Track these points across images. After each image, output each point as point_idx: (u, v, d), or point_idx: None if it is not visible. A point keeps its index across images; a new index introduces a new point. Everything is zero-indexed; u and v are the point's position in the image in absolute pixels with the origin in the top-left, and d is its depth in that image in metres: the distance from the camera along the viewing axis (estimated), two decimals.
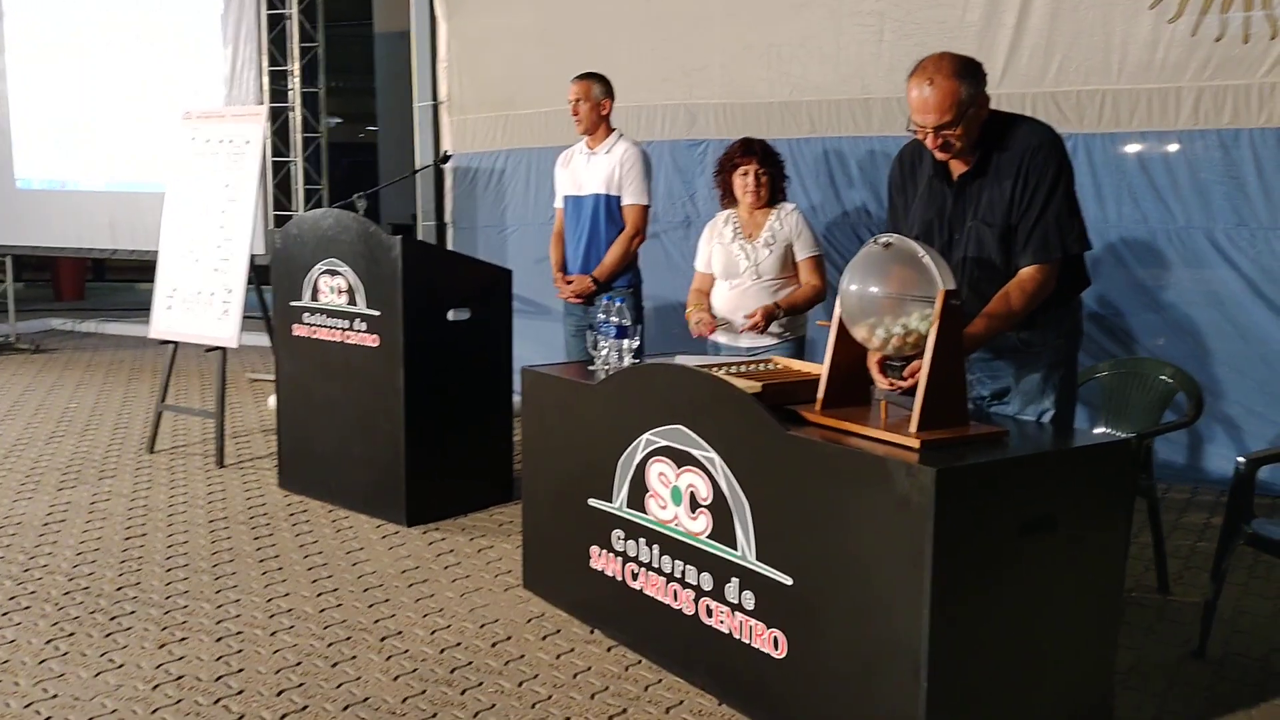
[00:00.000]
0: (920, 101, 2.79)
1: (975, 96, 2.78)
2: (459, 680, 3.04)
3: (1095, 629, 2.61)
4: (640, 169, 4.64)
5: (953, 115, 2.76)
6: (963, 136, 2.81)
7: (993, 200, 2.86)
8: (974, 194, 2.90)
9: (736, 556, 2.75)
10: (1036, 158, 2.81)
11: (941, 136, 2.80)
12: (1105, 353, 4.70)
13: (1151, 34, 4.57)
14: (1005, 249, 2.87)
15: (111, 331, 10.46)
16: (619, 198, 4.66)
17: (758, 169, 4.05)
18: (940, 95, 2.75)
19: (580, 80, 4.69)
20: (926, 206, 3.00)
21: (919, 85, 2.79)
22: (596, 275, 4.64)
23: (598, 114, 4.68)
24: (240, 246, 5.56)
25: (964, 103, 2.76)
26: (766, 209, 4.11)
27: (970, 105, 2.77)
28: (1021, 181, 2.81)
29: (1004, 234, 2.86)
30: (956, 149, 2.84)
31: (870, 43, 5.23)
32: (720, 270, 4.13)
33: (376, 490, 4.48)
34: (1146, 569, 3.82)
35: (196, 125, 5.93)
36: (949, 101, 2.75)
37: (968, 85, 2.77)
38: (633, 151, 4.65)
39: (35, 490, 4.90)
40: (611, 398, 3.22)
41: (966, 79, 2.77)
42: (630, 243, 4.66)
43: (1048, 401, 2.98)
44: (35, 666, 3.10)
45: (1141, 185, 4.69)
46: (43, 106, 8.72)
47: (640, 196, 4.66)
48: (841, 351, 2.74)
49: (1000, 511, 2.38)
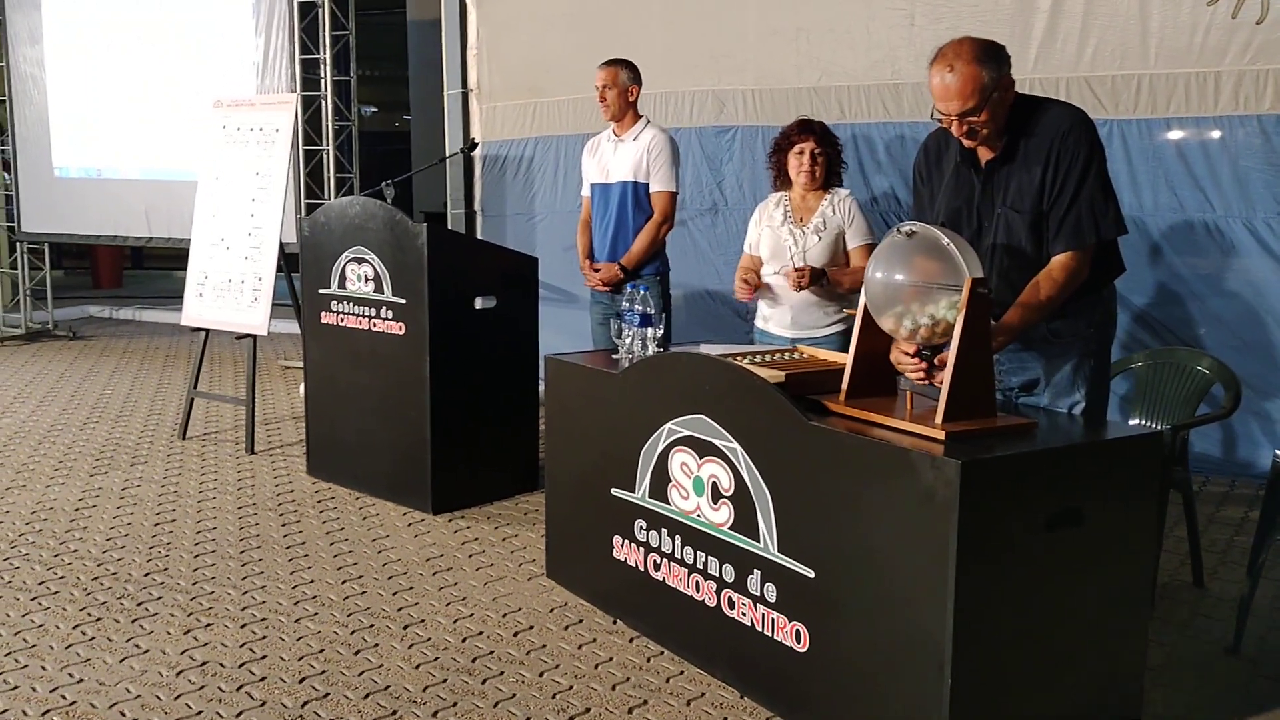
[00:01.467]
0: (943, 89, 2.71)
1: (999, 81, 2.70)
2: (480, 669, 3.04)
3: (1125, 625, 2.56)
4: (668, 155, 4.60)
5: (976, 101, 2.69)
6: (989, 122, 2.74)
7: (1022, 186, 2.79)
8: (1002, 180, 2.83)
9: (758, 548, 2.73)
10: (1067, 141, 2.73)
11: (966, 124, 2.73)
12: (1138, 343, 4.62)
13: (1190, 17, 4.47)
14: (1036, 236, 2.81)
15: (148, 319, 10.59)
16: (647, 185, 4.62)
17: (814, 148, 3.93)
18: (962, 82, 2.68)
19: (607, 66, 4.65)
20: (954, 194, 2.93)
21: (940, 72, 2.71)
22: (624, 263, 4.61)
23: (625, 100, 4.65)
24: (270, 234, 5.59)
25: (987, 88, 2.68)
26: (820, 192, 3.99)
27: (994, 90, 2.69)
28: (1052, 167, 2.74)
29: (1034, 221, 2.79)
30: (983, 136, 2.77)
31: (901, 27, 5.15)
32: (767, 254, 4.02)
33: (402, 478, 4.49)
34: (1181, 563, 3.76)
35: (227, 113, 5.96)
36: (971, 88, 2.68)
37: (990, 70, 2.69)
38: (661, 138, 4.62)
39: (68, 476, 4.96)
40: (634, 387, 3.19)
41: (989, 64, 2.69)
42: (658, 230, 4.62)
43: (1078, 394, 2.92)
44: (62, 651, 3.13)
45: (1178, 172, 4.59)
46: (79, 96, 8.80)
47: (668, 183, 4.62)
48: (866, 341, 2.70)
49: (1027, 505, 2.33)
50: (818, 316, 3.93)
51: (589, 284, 4.77)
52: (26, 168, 9.12)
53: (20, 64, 8.98)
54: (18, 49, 8.97)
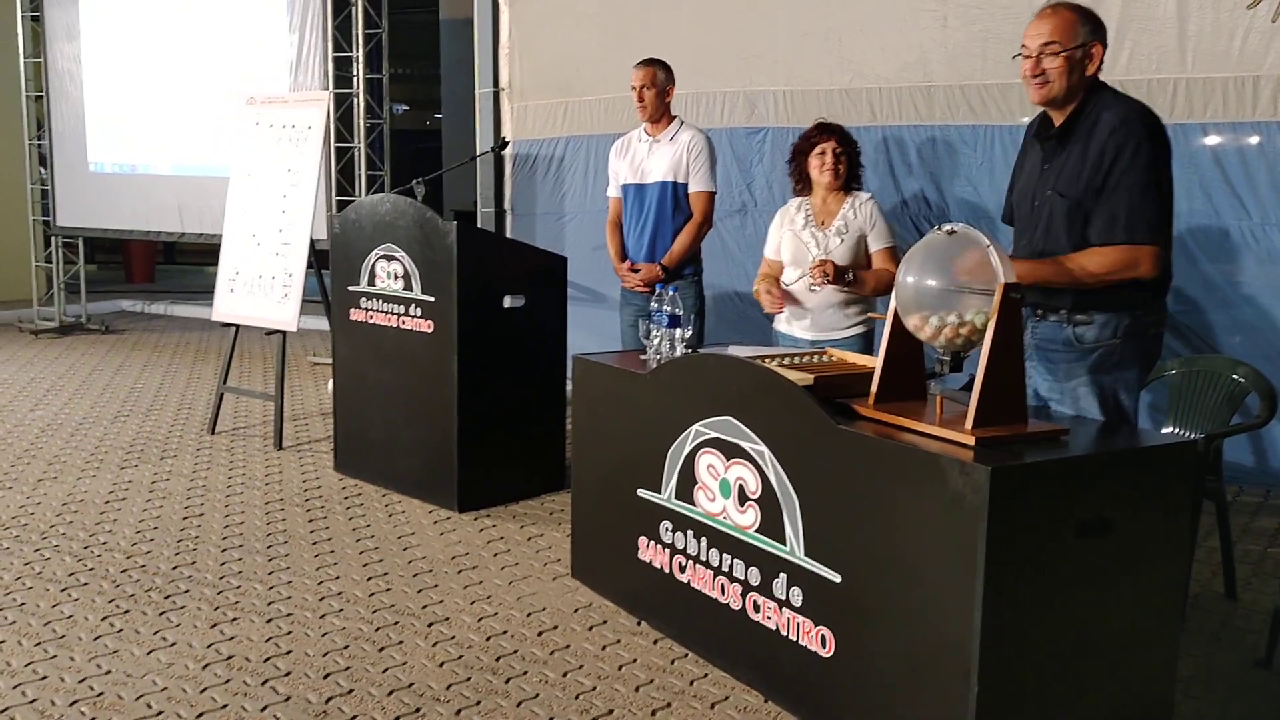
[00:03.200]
0: (1038, 20, 2.84)
1: (1089, 42, 2.80)
2: (504, 669, 3.04)
3: (1155, 635, 2.52)
4: (707, 156, 4.61)
5: (1061, 38, 2.78)
6: (1060, 75, 2.80)
7: (1070, 172, 2.82)
8: (1059, 164, 2.88)
9: (785, 552, 2.71)
10: (1118, 134, 2.75)
11: (1042, 59, 2.80)
12: (1171, 350, 4.55)
13: (1229, 21, 4.41)
14: (1071, 224, 2.82)
15: (180, 313, 10.68)
16: (685, 185, 4.61)
17: (835, 147, 3.91)
18: (1058, 19, 2.81)
19: (644, 66, 4.63)
20: (1026, 174, 3.03)
21: (1043, 10, 2.85)
22: (665, 263, 4.60)
23: (662, 101, 4.64)
24: (301, 231, 5.62)
25: (1075, 34, 2.78)
26: (841, 194, 3.96)
27: (1082, 42, 2.79)
28: (1099, 157, 2.76)
29: (1071, 208, 2.81)
30: (1050, 82, 2.81)
31: (933, 29, 5.12)
32: (789, 258, 3.99)
33: (429, 476, 4.50)
34: (1214, 574, 3.71)
35: (260, 110, 6.00)
36: (1063, 25, 2.79)
37: (1085, 25, 2.80)
38: (699, 138, 4.61)
39: (99, 469, 5.01)
40: (662, 388, 3.19)
41: (1087, 22, 2.81)
42: (699, 230, 4.62)
43: (1092, 407, 2.85)
44: (91, 643, 3.16)
45: (1214, 178, 4.53)
46: (115, 92, 8.89)
47: (708, 183, 4.62)
48: (896, 344, 2.67)
49: (1056, 512, 2.30)
50: (838, 318, 3.91)
51: (628, 285, 4.74)
52: (62, 163, 9.22)
53: (58, 60, 9.08)
54: (55, 45, 9.07)
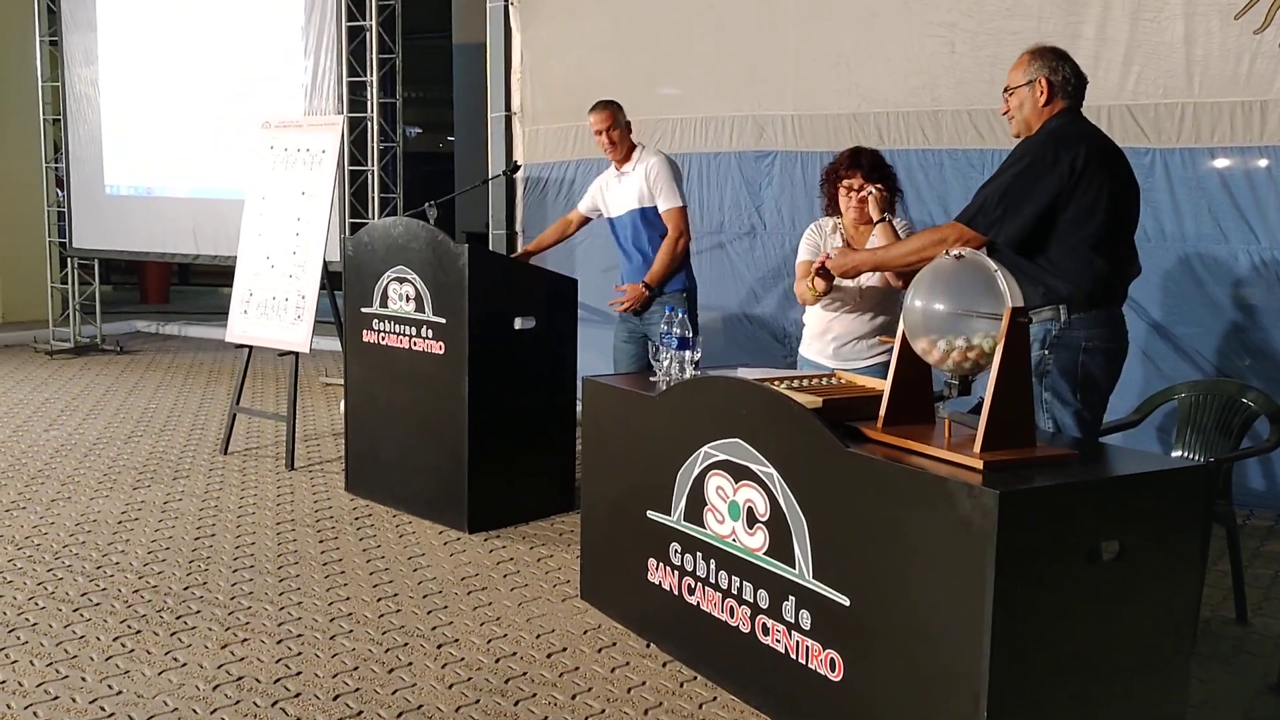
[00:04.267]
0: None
1: (1037, 75, 3.09)
2: (513, 691, 3.05)
3: (1165, 660, 2.52)
4: (668, 174, 4.71)
5: (1011, 80, 3.14)
6: (1018, 108, 3.13)
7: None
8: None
9: (794, 574, 2.72)
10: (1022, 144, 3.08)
11: (1008, 100, 3.16)
12: (1180, 374, 4.55)
13: (1236, 45, 4.42)
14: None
15: (194, 334, 10.74)
16: (654, 208, 4.73)
17: (863, 184, 3.77)
18: (1017, 63, 3.15)
19: (601, 110, 4.76)
20: None
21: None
22: (648, 280, 4.69)
23: (626, 137, 4.78)
24: (315, 253, 5.66)
25: (1025, 73, 3.11)
26: (872, 225, 3.79)
27: (1029, 79, 3.09)
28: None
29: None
30: (1013, 119, 3.15)
31: (942, 54, 5.15)
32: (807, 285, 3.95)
33: (439, 496, 4.52)
34: (1225, 598, 3.70)
35: (275, 134, 6.06)
36: (1017, 69, 3.14)
37: (1037, 64, 3.10)
38: (656, 160, 4.73)
39: (112, 489, 5.03)
40: (671, 409, 3.20)
41: (1037, 59, 3.11)
42: (675, 245, 4.71)
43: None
44: (102, 663, 3.17)
45: (1222, 203, 4.53)
46: (131, 116, 8.98)
47: (674, 199, 4.72)
48: (905, 368, 2.68)
49: (1066, 537, 2.31)
50: (859, 348, 3.88)
51: (620, 310, 4.83)
52: (79, 185, 9.31)
53: (76, 84, 9.18)
54: (74, 69, 9.17)
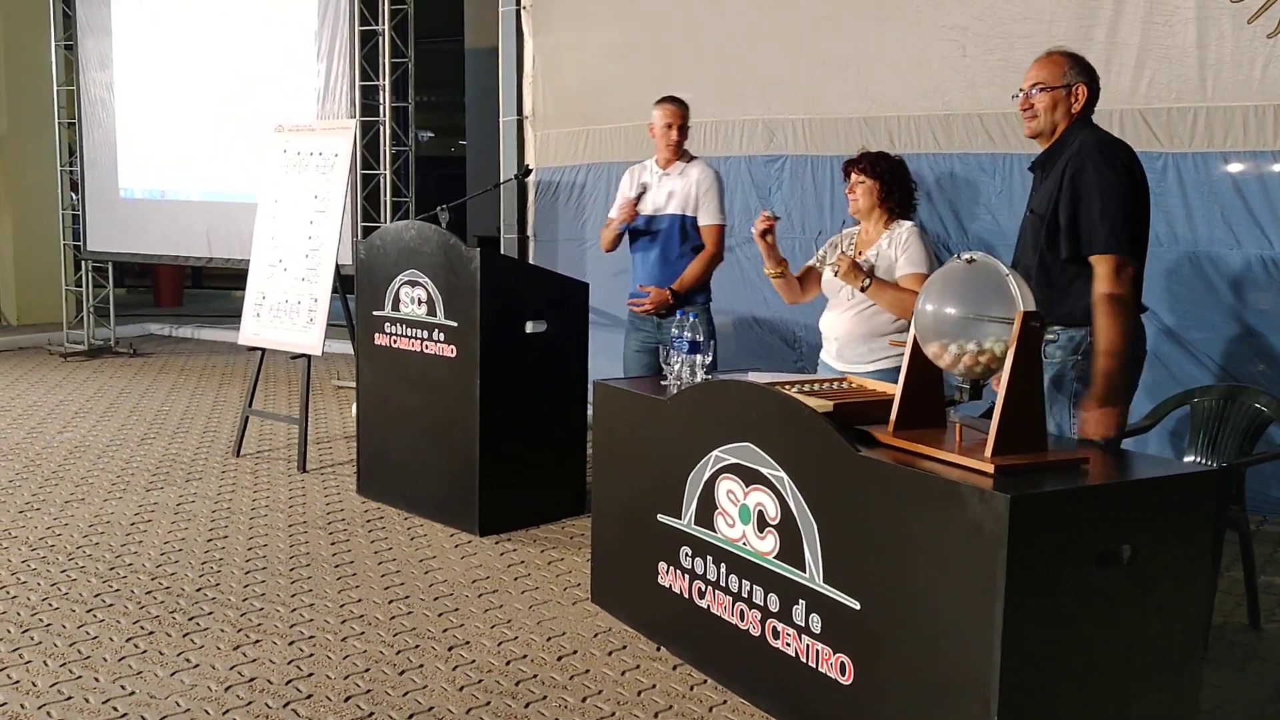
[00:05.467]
0: (1035, 64, 3.12)
1: (1075, 83, 3.03)
2: (523, 693, 3.05)
3: (1177, 666, 2.51)
4: (716, 189, 4.68)
5: (1044, 80, 3.05)
6: (1047, 109, 3.05)
7: (1041, 194, 3.05)
8: (1037, 186, 3.12)
9: (804, 578, 2.72)
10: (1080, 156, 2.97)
11: (1031, 97, 3.07)
12: (1193, 379, 4.53)
13: (1249, 49, 4.41)
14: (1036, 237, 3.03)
15: (207, 337, 10.79)
16: (694, 218, 4.68)
17: (858, 179, 3.85)
18: (1048, 63, 3.08)
19: (671, 104, 4.67)
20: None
21: (1037, 59, 3.12)
22: (676, 287, 4.64)
23: (684, 138, 4.71)
24: (327, 257, 5.69)
25: (1062, 75, 3.04)
26: (884, 224, 3.86)
27: (1066, 82, 3.03)
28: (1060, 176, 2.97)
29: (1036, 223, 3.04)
30: (1037, 117, 3.07)
31: (952, 57, 5.14)
32: (825, 283, 3.95)
33: (451, 499, 4.53)
34: (1237, 604, 3.68)
35: (288, 138, 6.09)
36: (1051, 68, 3.06)
37: (1073, 70, 3.05)
38: (708, 173, 4.69)
39: (125, 491, 5.06)
40: (682, 413, 3.20)
41: (1075, 65, 3.06)
42: (710, 262, 4.69)
43: (1063, 426, 2.88)
44: (115, 664, 3.19)
45: (1235, 207, 4.51)
46: (146, 120, 9.03)
47: (718, 216, 4.69)
48: (916, 372, 2.68)
49: (1077, 541, 2.30)
50: (862, 351, 3.87)
51: (640, 311, 4.74)
52: (93, 188, 9.36)
53: (90, 88, 9.24)
54: (88, 73, 9.23)
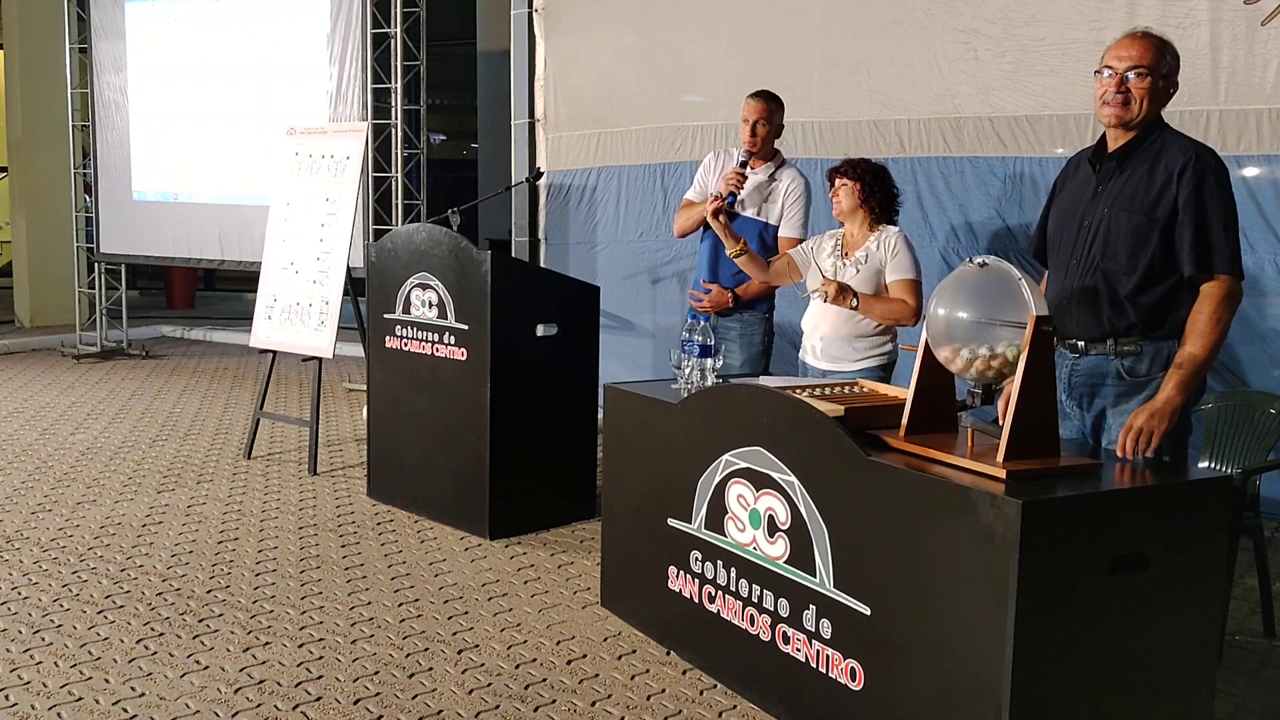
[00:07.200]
0: (1128, 40, 2.82)
1: (1173, 72, 2.82)
2: (532, 697, 3.05)
3: (1191, 673, 2.49)
4: (805, 203, 4.46)
5: (1150, 62, 2.77)
6: (1147, 97, 2.78)
7: (1131, 192, 2.81)
8: (1116, 184, 2.86)
9: (814, 583, 2.71)
10: (1201, 165, 2.75)
11: (1129, 79, 2.78)
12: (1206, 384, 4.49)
13: (1262, 53, 4.38)
14: (1139, 240, 2.80)
15: (219, 339, 10.81)
16: (776, 227, 4.46)
17: (839, 181, 3.88)
18: (1150, 44, 2.79)
19: (759, 100, 4.41)
20: (1070, 196, 2.99)
21: (1131, 34, 2.83)
22: (740, 292, 4.44)
23: (773, 138, 4.47)
24: (338, 259, 5.69)
25: (1165, 61, 2.80)
26: (869, 228, 3.88)
27: (1168, 69, 2.80)
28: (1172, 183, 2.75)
29: (1140, 226, 2.79)
30: (1134, 103, 2.79)
31: (964, 60, 5.12)
32: (809, 284, 3.95)
33: (461, 502, 4.53)
34: (1251, 612, 3.66)
35: (300, 140, 6.10)
36: (1155, 50, 2.79)
37: (1173, 58, 2.82)
38: (799, 183, 4.45)
39: (136, 492, 5.07)
40: (693, 417, 3.20)
41: (1174, 56, 2.82)
42: None
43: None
44: (125, 665, 3.19)
45: (1248, 211, 4.45)
46: (159, 122, 9.07)
47: (799, 231, 4.44)
48: (927, 376, 2.67)
49: (1089, 547, 2.29)
50: (845, 350, 3.86)
51: (699, 308, 4.48)
52: (107, 190, 9.40)
53: (104, 91, 9.27)
54: (102, 76, 9.27)
